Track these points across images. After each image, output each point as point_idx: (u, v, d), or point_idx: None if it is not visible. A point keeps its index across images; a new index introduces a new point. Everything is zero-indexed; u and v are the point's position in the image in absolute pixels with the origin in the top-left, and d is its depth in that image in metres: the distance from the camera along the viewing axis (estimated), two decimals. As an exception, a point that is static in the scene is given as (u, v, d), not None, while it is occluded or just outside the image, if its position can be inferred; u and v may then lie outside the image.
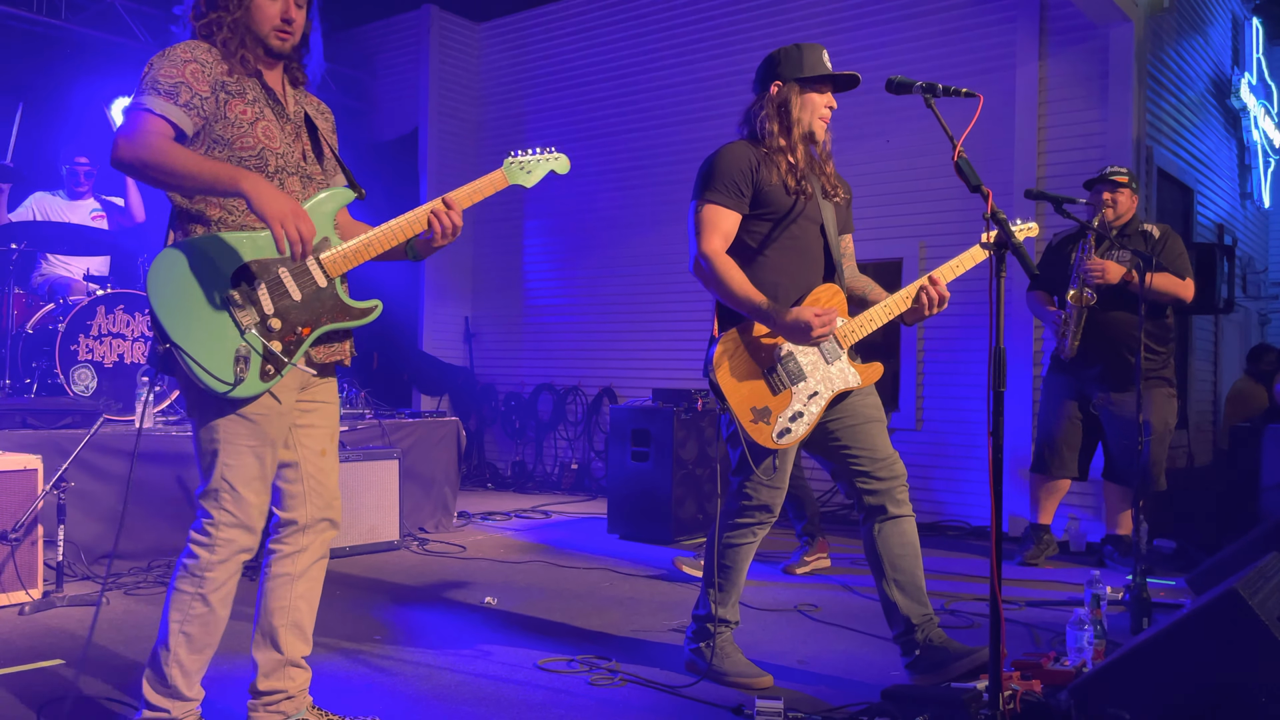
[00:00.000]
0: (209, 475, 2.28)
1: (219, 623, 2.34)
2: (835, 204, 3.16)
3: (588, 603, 4.14)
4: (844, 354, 3.04)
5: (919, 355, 6.64)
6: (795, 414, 2.94)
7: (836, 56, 7.38)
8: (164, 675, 2.29)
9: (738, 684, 3.03)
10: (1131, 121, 5.88)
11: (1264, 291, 9.14)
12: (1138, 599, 3.79)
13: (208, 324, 2.20)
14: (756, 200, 3.01)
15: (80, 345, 5.22)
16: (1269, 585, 2.38)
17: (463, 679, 3.09)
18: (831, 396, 3.00)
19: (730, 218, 3.00)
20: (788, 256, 3.03)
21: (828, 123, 3.10)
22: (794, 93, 3.04)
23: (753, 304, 2.88)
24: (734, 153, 3.02)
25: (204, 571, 2.27)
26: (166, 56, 2.22)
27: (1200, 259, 6.15)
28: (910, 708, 2.64)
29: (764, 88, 3.12)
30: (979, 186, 2.51)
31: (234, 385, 2.20)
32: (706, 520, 5.77)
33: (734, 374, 2.91)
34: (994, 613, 2.36)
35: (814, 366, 2.97)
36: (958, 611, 4.08)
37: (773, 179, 3.01)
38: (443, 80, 8.92)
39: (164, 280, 2.18)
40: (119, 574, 4.39)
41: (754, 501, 3.05)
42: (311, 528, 2.49)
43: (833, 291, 3.06)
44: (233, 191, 2.11)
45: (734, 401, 2.90)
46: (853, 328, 3.04)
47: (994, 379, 2.37)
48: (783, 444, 2.93)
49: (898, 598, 3.05)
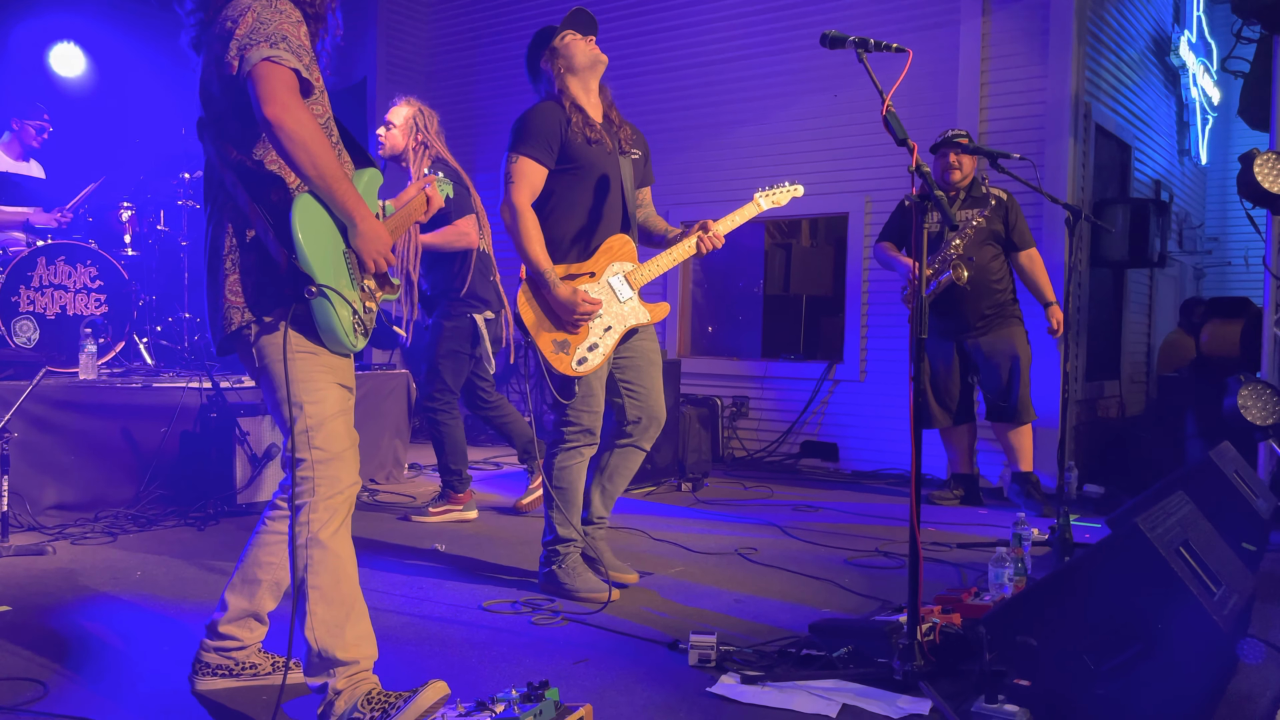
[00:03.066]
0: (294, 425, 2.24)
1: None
2: (633, 160, 3.52)
3: (534, 548, 4.20)
4: (635, 294, 3.45)
5: (863, 308, 6.77)
6: (591, 345, 3.37)
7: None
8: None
9: (587, 598, 3.39)
10: (1070, 78, 5.99)
11: (1200, 246, 9.39)
12: (1061, 539, 3.98)
13: (340, 279, 2.22)
14: (561, 155, 3.34)
15: (21, 296, 5.16)
16: (1169, 521, 2.52)
17: (408, 620, 3.17)
18: (624, 330, 3.43)
19: (539, 172, 3.33)
20: (586, 209, 3.39)
21: (601, 72, 3.43)
22: (563, 43, 3.38)
23: (539, 268, 3.29)
24: (545, 109, 3.35)
25: (311, 514, 2.25)
26: (279, 10, 2.17)
27: (1135, 214, 6.31)
28: (835, 640, 2.77)
29: (537, 57, 3.46)
30: (905, 140, 2.60)
31: (354, 343, 2.26)
32: (655, 471, 5.88)
33: (536, 312, 3.32)
34: (913, 550, 2.48)
35: (607, 304, 3.39)
36: (891, 554, 4.24)
37: (574, 134, 3.34)
38: (391, 29, 8.80)
39: (307, 224, 2.15)
40: (65, 524, 4.40)
41: (576, 426, 3.43)
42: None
43: (623, 241, 3.46)
44: (345, 214, 2.20)
45: (537, 335, 3.33)
46: (644, 271, 3.46)
47: (915, 326, 2.48)
48: (580, 371, 3.36)
49: (597, 498, 3.59)
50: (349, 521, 2.32)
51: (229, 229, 2.25)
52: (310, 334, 2.24)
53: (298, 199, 2.17)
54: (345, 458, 2.29)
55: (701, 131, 7.39)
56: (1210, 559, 2.54)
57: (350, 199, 2.20)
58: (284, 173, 2.25)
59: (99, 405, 4.71)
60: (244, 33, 2.12)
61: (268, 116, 2.06)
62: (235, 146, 2.25)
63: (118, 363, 5.52)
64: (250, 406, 4.90)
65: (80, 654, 2.80)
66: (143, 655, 2.82)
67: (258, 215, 2.20)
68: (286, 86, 2.09)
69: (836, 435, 6.85)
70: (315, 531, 2.24)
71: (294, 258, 2.14)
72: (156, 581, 3.60)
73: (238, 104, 2.19)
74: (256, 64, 2.08)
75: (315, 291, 2.14)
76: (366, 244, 2.25)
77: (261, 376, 2.30)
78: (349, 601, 2.27)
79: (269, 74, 2.07)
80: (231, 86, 2.17)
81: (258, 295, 2.23)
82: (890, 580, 3.81)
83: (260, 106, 2.06)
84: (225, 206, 2.27)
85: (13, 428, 4.05)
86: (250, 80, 2.08)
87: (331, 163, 2.14)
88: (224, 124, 2.25)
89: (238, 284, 2.24)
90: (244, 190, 2.22)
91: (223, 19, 2.19)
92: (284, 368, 2.20)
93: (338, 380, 2.30)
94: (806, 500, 5.58)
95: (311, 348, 2.25)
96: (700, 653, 2.75)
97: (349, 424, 2.33)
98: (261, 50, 2.08)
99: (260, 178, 2.24)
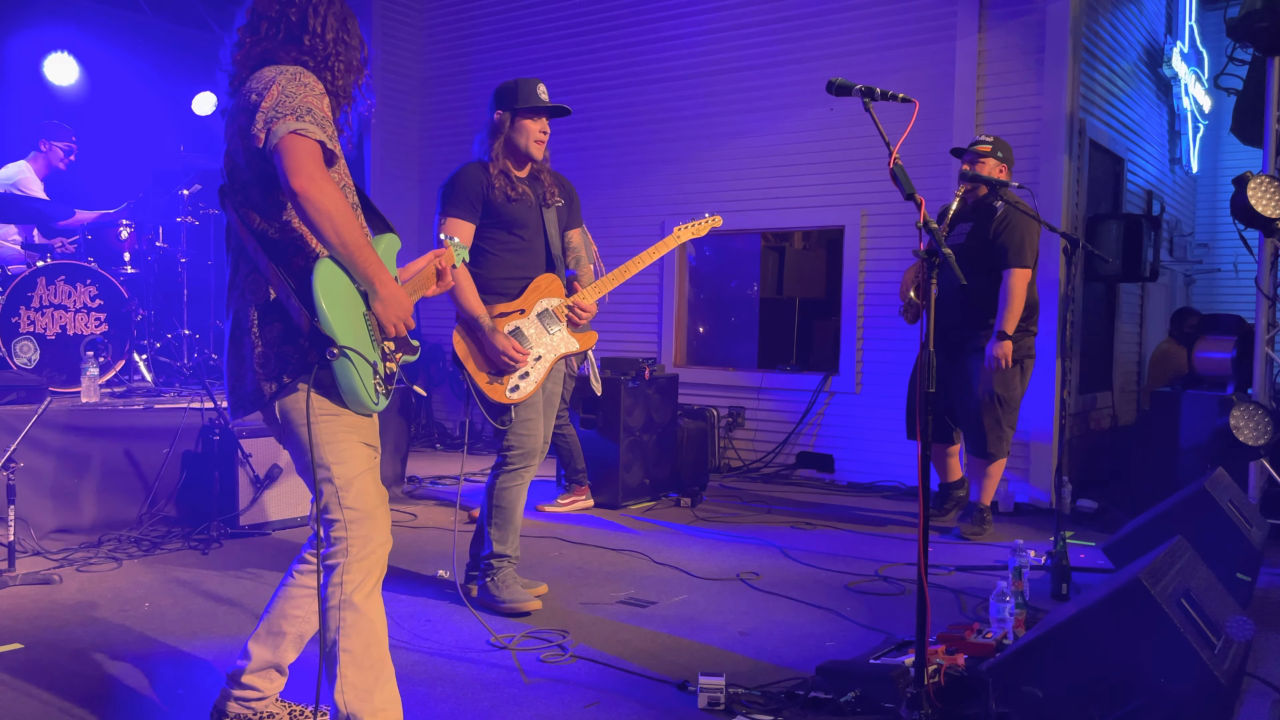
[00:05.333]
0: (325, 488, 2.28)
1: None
2: (556, 208, 3.85)
3: (538, 573, 4.26)
4: (562, 325, 3.75)
5: (859, 321, 6.82)
6: (524, 374, 3.66)
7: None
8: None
9: (512, 610, 3.66)
10: (1066, 96, 6.04)
11: (1190, 254, 9.46)
12: (1058, 565, 4.04)
13: (361, 340, 2.26)
14: (486, 212, 3.69)
15: (21, 317, 5.16)
16: (1170, 572, 2.57)
17: (416, 658, 3.21)
18: (555, 359, 3.73)
19: (466, 228, 3.68)
20: (512, 255, 3.74)
21: (544, 145, 3.74)
22: (508, 120, 3.68)
23: (473, 315, 3.61)
24: (468, 174, 3.69)
25: (344, 575, 2.29)
26: (304, 83, 2.22)
27: (1128, 230, 6.37)
28: (842, 683, 2.82)
29: (490, 115, 3.74)
30: (912, 195, 2.63)
31: (376, 403, 2.30)
32: (653, 485, 5.92)
33: (471, 349, 3.63)
34: (920, 597, 2.53)
35: (537, 336, 3.70)
36: (889, 578, 4.29)
37: (496, 194, 3.67)
38: (386, 34, 8.78)
39: (328, 288, 2.19)
40: (69, 549, 4.42)
41: (517, 450, 3.71)
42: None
43: (550, 279, 3.79)
44: (366, 281, 2.23)
45: (471, 368, 3.62)
46: (567, 303, 3.76)
47: (923, 382, 2.52)
48: (514, 398, 3.63)
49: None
50: (380, 583, 2.36)
51: (252, 301, 2.29)
52: (333, 396, 2.27)
53: (319, 264, 2.20)
54: (376, 516, 2.33)
55: (699, 142, 7.42)
56: (1210, 608, 2.60)
57: (372, 266, 2.24)
58: (305, 240, 2.28)
59: (101, 428, 4.73)
60: (270, 105, 2.16)
61: (295, 188, 2.09)
62: (259, 214, 2.28)
63: (118, 381, 5.52)
64: (252, 428, 4.92)
65: (96, 698, 2.83)
66: (158, 699, 2.85)
67: (279, 280, 2.23)
68: (313, 158, 2.12)
69: (832, 447, 6.90)
70: (349, 594, 2.28)
71: (316, 320, 2.17)
72: (165, 614, 3.63)
73: (262, 174, 2.23)
74: (283, 137, 2.11)
75: (337, 353, 2.18)
76: (387, 309, 2.29)
77: (287, 439, 2.34)
78: (378, 665, 2.31)
79: (295, 146, 2.11)
80: (257, 157, 2.21)
81: (280, 363, 2.26)
82: (892, 608, 3.86)
83: (287, 178, 2.10)
84: (248, 273, 2.31)
85: (18, 455, 4.06)
86: (277, 153, 2.12)
87: (355, 231, 2.18)
88: (248, 192, 2.28)
89: (263, 357, 2.27)
90: (265, 256, 2.25)
91: (247, 90, 2.22)
92: (308, 431, 2.23)
93: (362, 440, 2.34)
94: (805, 513, 5.64)
95: (334, 409, 2.29)
96: (710, 695, 2.80)
97: (377, 481, 2.38)
98: (288, 123, 2.12)
99: (284, 245, 2.27)
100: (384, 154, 8.85)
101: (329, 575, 2.29)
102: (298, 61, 2.29)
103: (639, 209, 7.73)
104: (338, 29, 2.37)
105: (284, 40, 2.31)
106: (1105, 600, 2.43)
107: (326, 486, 2.27)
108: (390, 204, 8.76)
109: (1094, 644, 2.42)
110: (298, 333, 2.24)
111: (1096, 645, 2.41)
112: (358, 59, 2.43)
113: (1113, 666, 2.37)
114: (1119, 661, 2.36)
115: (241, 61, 2.32)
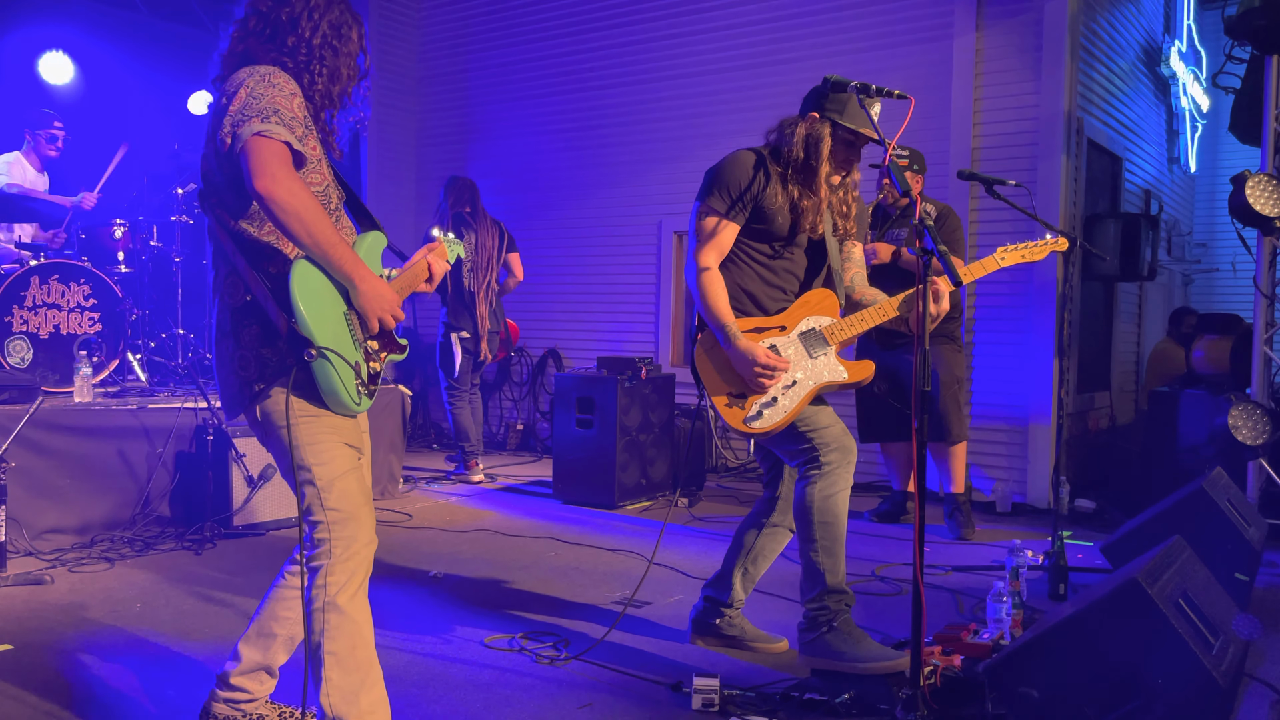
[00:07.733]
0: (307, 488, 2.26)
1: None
2: (839, 237, 3.25)
3: (533, 574, 4.25)
4: (831, 349, 3.10)
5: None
6: (770, 400, 3.03)
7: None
8: None
9: (878, 670, 2.93)
10: (1064, 95, 6.02)
11: (1188, 254, 9.45)
12: (1055, 565, 4.02)
13: (341, 341, 2.23)
14: (755, 215, 3.09)
15: (14, 316, 5.14)
16: (1168, 572, 2.55)
17: (411, 659, 3.19)
18: (816, 388, 3.05)
19: (729, 230, 3.09)
20: (771, 272, 3.15)
21: (849, 169, 3.15)
22: (826, 132, 3.05)
23: (720, 322, 3.04)
24: (743, 164, 3.08)
25: (328, 577, 2.26)
26: (273, 84, 2.19)
27: (1126, 229, 6.35)
28: (837, 684, 2.80)
29: (804, 112, 3.13)
30: (908, 191, 2.62)
31: (358, 403, 2.27)
32: (650, 485, 5.90)
33: (713, 363, 3.08)
34: (916, 597, 2.51)
35: (795, 359, 3.07)
36: (886, 578, 4.27)
37: (777, 200, 3.06)
38: (382, 33, 8.76)
39: (305, 289, 2.17)
40: (62, 549, 4.40)
41: (830, 447, 3.05)
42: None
43: (823, 294, 3.15)
44: (344, 277, 2.20)
45: (710, 387, 3.08)
46: (841, 326, 3.11)
47: (918, 379, 2.50)
48: (752, 428, 3.02)
49: (738, 580, 3.31)
50: (365, 584, 2.34)
51: (230, 304, 2.29)
52: (313, 397, 2.25)
53: (296, 264, 2.19)
54: (360, 517, 2.31)
55: (697, 141, 7.39)
56: (1208, 608, 2.58)
57: (347, 262, 2.21)
58: (281, 242, 2.28)
59: (94, 428, 4.70)
60: (237, 108, 2.15)
61: (258, 189, 2.08)
62: (234, 217, 2.28)
63: (112, 380, 5.49)
64: (246, 428, 4.88)
65: (84, 700, 2.80)
66: (147, 701, 2.83)
67: (257, 282, 2.23)
68: (277, 159, 2.11)
69: (829, 446, 6.86)
70: (332, 596, 2.25)
71: (293, 321, 2.16)
72: (157, 614, 3.60)
73: (233, 178, 2.22)
74: (248, 139, 2.10)
75: (315, 354, 2.16)
76: (369, 303, 2.26)
77: (269, 441, 2.32)
78: (365, 667, 2.29)
79: (259, 148, 2.10)
80: (227, 161, 2.20)
81: (260, 365, 2.25)
82: (888, 608, 3.84)
83: (251, 180, 2.09)
84: (227, 275, 2.31)
85: (9, 455, 4.04)
86: (243, 155, 2.11)
87: (326, 229, 2.15)
88: (223, 195, 2.28)
89: (242, 359, 2.27)
90: (243, 258, 2.25)
91: (220, 93, 2.22)
92: (288, 433, 2.21)
93: (344, 440, 2.32)
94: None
95: (315, 411, 2.27)
96: (704, 697, 2.78)
97: (361, 481, 2.35)
98: (253, 125, 2.11)
99: (259, 247, 2.27)
100: (379, 153, 8.83)
101: (312, 577, 2.26)
102: (275, 61, 2.27)
103: (635, 209, 7.70)
104: (328, 35, 2.33)
105: (268, 38, 2.30)
106: (1103, 600, 2.41)
107: (308, 488, 2.25)
108: (386, 202, 8.74)
109: (1091, 644, 2.40)
110: (276, 334, 2.23)
111: (1094, 646, 2.39)
112: (349, 68, 2.39)
113: (1110, 667, 2.34)
114: (1117, 662, 2.34)
115: (225, 62, 2.32)
